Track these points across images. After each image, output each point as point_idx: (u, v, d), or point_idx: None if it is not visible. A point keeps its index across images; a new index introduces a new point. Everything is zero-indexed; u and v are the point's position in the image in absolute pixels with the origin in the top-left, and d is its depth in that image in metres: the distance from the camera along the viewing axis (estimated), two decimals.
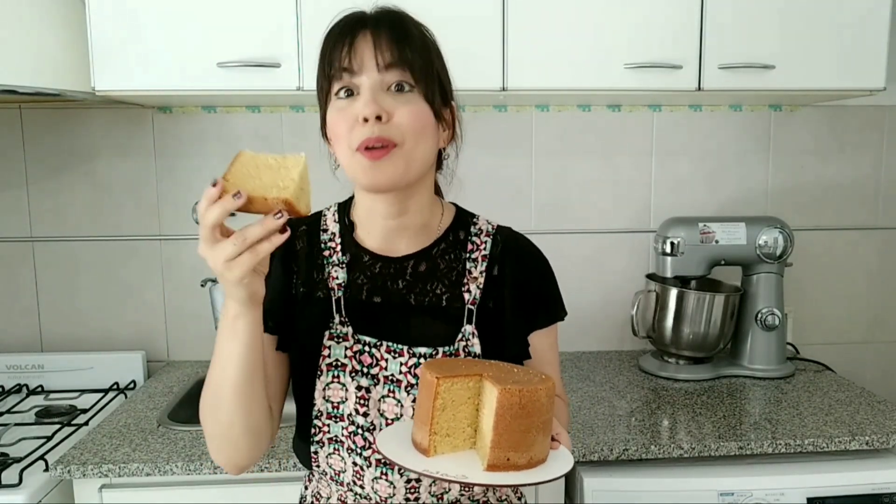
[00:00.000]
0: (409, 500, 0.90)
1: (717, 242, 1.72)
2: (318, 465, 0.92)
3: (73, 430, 1.47)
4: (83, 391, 1.76)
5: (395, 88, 0.84)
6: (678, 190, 1.95)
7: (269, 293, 0.82)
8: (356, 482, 0.90)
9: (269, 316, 0.91)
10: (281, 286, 0.95)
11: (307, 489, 1.01)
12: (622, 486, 1.31)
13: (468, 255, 0.96)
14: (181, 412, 1.52)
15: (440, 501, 0.91)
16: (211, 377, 0.84)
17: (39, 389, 1.77)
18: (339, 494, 0.94)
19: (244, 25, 1.47)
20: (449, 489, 0.91)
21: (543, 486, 1.27)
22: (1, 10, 1.38)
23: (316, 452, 0.91)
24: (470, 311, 0.93)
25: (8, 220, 1.84)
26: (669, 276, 1.74)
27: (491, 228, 0.99)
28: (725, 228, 1.72)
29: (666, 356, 1.79)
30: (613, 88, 1.56)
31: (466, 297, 0.94)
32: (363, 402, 0.89)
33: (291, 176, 0.74)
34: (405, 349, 0.90)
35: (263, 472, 1.28)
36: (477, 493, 0.93)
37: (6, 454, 1.35)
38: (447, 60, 0.93)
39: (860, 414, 1.48)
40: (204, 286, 1.76)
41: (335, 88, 0.86)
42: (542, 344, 0.99)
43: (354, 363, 0.90)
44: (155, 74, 1.48)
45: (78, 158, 1.83)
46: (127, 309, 1.88)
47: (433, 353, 0.90)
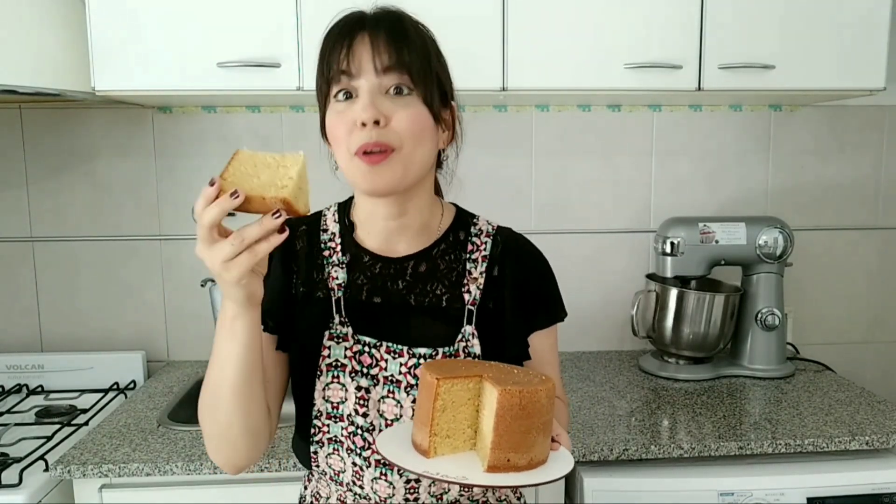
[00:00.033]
0: (408, 500, 0.90)
1: (717, 242, 1.72)
2: (317, 464, 0.92)
3: (73, 430, 1.48)
4: (83, 391, 1.76)
5: (393, 91, 0.84)
6: (678, 190, 1.95)
7: (268, 293, 0.82)
8: (355, 482, 0.90)
9: (268, 316, 0.91)
10: (281, 286, 0.94)
11: (306, 489, 1.01)
12: (622, 486, 1.31)
13: (468, 255, 0.96)
14: (181, 412, 1.52)
15: (439, 502, 0.91)
16: (209, 377, 0.83)
17: (39, 389, 1.77)
18: (338, 494, 0.94)
19: (244, 25, 1.47)
20: (448, 489, 0.91)
21: (543, 486, 1.27)
22: (1, 10, 1.38)
23: (315, 452, 0.91)
24: (470, 311, 0.93)
25: (8, 220, 1.84)
26: (669, 276, 1.74)
27: (491, 229, 0.99)
28: (725, 228, 1.72)
29: (666, 356, 1.79)
30: (613, 88, 1.56)
31: (466, 297, 0.93)
32: (363, 402, 0.89)
33: (290, 175, 0.73)
34: (405, 350, 0.90)
35: (263, 472, 1.28)
36: (476, 493, 0.94)
37: (6, 454, 1.35)
38: (447, 60, 0.92)
39: (860, 414, 1.48)
40: (204, 286, 1.76)
41: (334, 91, 0.86)
42: (542, 345, 0.99)
43: (354, 363, 0.90)
44: (155, 74, 1.48)
45: (78, 158, 1.83)
46: (127, 309, 1.88)
47: (433, 353, 0.90)
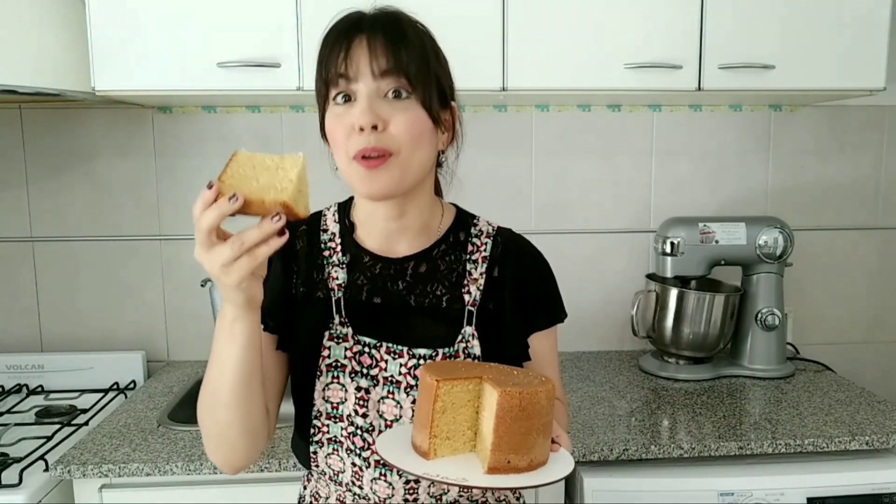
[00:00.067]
0: (407, 500, 0.90)
1: (717, 242, 1.72)
2: (316, 464, 0.92)
3: (73, 430, 1.48)
4: (83, 391, 1.76)
5: (391, 95, 0.84)
6: (678, 190, 1.95)
7: (268, 293, 0.82)
8: (355, 482, 0.90)
9: (269, 316, 0.91)
10: (281, 286, 0.94)
11: (306, 489, 1.01)
12: (622, 486, 1.31)
13: (468, 256, 0.96)
14: (181, 412, 1.52)
15: (439, 502, 0.91)
16: (208, 378, 0.83)
17: (39, 389, 1.77)
18: (337, 494, 0.94)
19: (244, 25, 1.47)
20: (447, 490, 0.91)
21: (544, 487, 1.27)
22: (1, 10, 1.38)
23: (315, 452, 0.91)
24: (470, 312, 0.93)
25: (8, 220, 1.84)
26: (669, 276, 1.74)
27: (491, 230, 0.99)
28: (725, 228, 1.72)
29: (666, 356, 1.79)
30: (613, 88, 1.56)
31: (466, 298, 0.93)
32: (362, 402, 0.89)
33: (289, 177, 0.71)
34: (405, 350, 0.90)
35: (263, 472, 1.28)
36: (476, 493, 0.93)
37: (6, 454, 1.35)
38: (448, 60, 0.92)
39: (860, 414, 1.48)
40: (204, 286, 1.76)
41: (332, 94, 0.85)
42: (541, 346, 0.99)
43: (354, 364, 0.90)
44: (155, 74, 1.48)
45: (78, 158, 1.83)
46: (127, 309, 1.88)
47: (433, 354, 0.90)
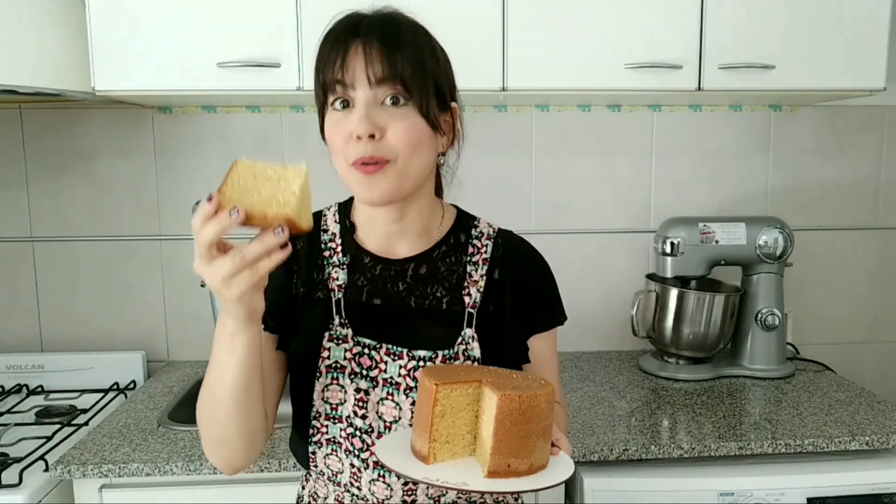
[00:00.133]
0: (406, 502, 0.90)
1: (717, 242, 1.72)
2: (315, 465, 0.92)
3: (73, 430, 1.48)
4: (83, 391, 1.76)
5: (389, 102, 0.83)
6: (678, 190, 1.94)
7: (269, 293, 0.81)
8: (353, 483, 0.90)
9: (269, 316, 0.91)
10: (281, 286, 0.94)
11: (304, 489, 1.01)
12: (622, 486, 1.31)
13: (469, 258, 0.96)
14: (181, 412, 1.52)
15: None
16: (207, 383, 0.83)
17: (39, 389, 1.77)
18: (336, 495, 0.93)
19: (244, 25, 1.47)
20: (446, 492, 0.90)
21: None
22: (1, 10, 1.38)
23: (314, 453, 0.91)
24: (470, 314, 0.93)
25: (8, 220, 1.83)
26: (669, 276, 1.74)
27: (492, 232, 0.99)
28: (725, 228, 1.72)
29: (666, 356, 1.79)
30: (613, 88, 1.56)
31: (467, 300, 0.93)
32: (362, 404, 0.89)
33: (292, 189, 0.69)
34: (405, 352, 0.90)
35: (263, 472, 1.28)
36: (475, 496, 0.93)
37: (6, 454, 1.35)
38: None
39: (860, 414, 1.48)
40: (204, 286, 1.75)
41: (330, 99, 0.85)
42: (541, 348, 0.99)
43: (354, 365, 0.90)
44: (155, 74, 1.48)
45: (78, 158, 1.83)
46: (127, 309, 1.88)
47: (433, 356, 0.90)
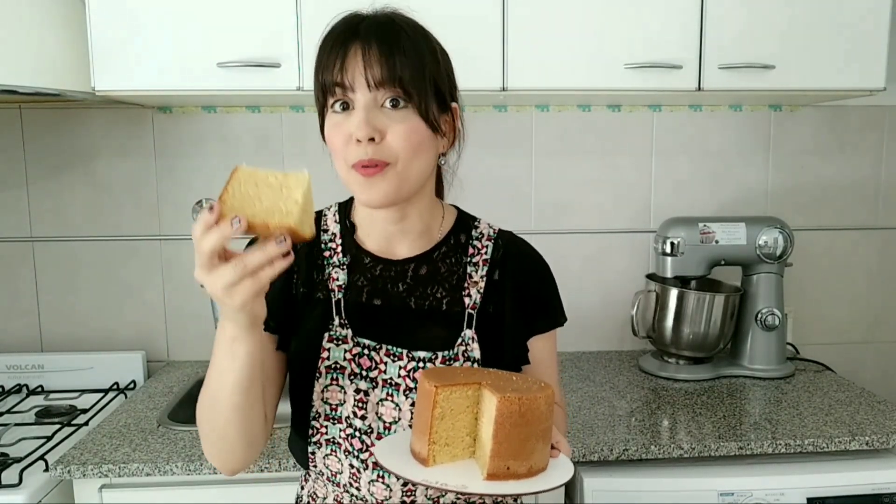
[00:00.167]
0: (405, 502, 0.90)
1: (717, 242, 1.72)
2: (314, 465, 0.92)
3: (73, 430, 1.47)
4: (83, 391, 1.76)
5: (389, 104, 0.83)
6: (678, 190, 1.94)
7: (269, 293, 0.81)
8: (353, 484, 0.90)
9: (269, 316, 0.90)
10: (281, 286, 0.94)
11: (303, 489, 1.01)
12: (622, 486, 1.31)
13: (469, 259, 0.96)
14: (181, 412, 1.52)
15: None
16: (207, 387, 0.83)
17: (39, 389, 1.77)
18: (335, 495, 0.93)
19: (244, 25, 1.47)
20: (445, 493, 0.90)
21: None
22: (1, 10, 1.38)
23: (313, 453, 0.91)
24: (470, 315, 0.93)
25: (8, 220, 1.83)
26: (669, 276, 1.74)
27: (492, 232, 0.98)
28: (725, 228, 1.72)
29: (666, 356, 1.79)
30: (613, 88, 1.56)
31: (467, 301, 0.93)
32: (361, 405, 0.89)
33: (294, 198, 0.68)
34: (404, 353, 0.90)
35: (263, 472, 1.28)
36: (474, 497, 0.93)
37: (6, 454, 1.35)
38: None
39: (860, 414, 1.48)
40: (204, 286, 1.76)
41: (330, 102, 0.85)
42: (541, 350, 0.99)
43: (353, 366, 0.90)
44: (155, 74, 1.48)
45: (78, 158, 1.83)
46: (127, 309, 1.88)
47: (433, 357, 0.90)
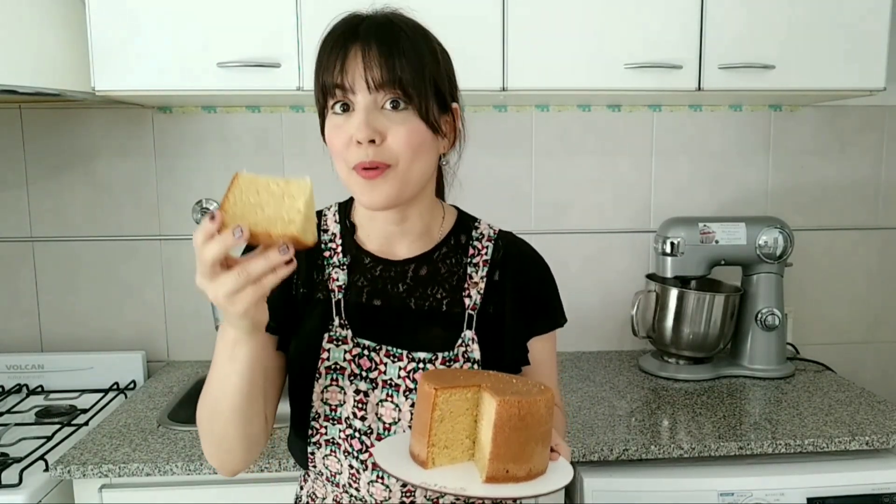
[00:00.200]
0: (404, 503, 0.90)
1: (717, 242, 1.72)
2: (314, 465, 0.92)
3: (73, 430, 1.48)
4: (83, 391, 1.76)
5: (389, 106, 0.83)
6: (678, 190, 1.94)
7: (270, 294, 0.81)
8: (352, 484, 0.90)
9: (270, 316, 0.91)
10: (281, 286, 0.93)
11: (302, 489, 1.00)
12: (622, 486, 1.31)
13: (469, 259, 0.95)
14: (181, 412, 1.52)
15: None
16: (208, 389, 0.83)
17: (39, 389, 1.77)
18: (334, 495, 0.93)
19: (244, 25, 1.47)
20: (444, 495, 0.90)
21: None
22: (1, 10, 1.38)
23: (313, 453, 0.91)
24: (470, 316, 0.93)
25: (8, 220, 1.83)
26: (669, 276, 1.74)
27: (493, 233, 0.98)
28: (725, 228, 1.72)
29: (666, 356, 1.79)
30: (613, 88, 1.56)
31: (467, 302, 0.93)
32: (361, 405, 0.89)
33: (297, 206, 0.67)
34: (404, 354, 0.90)
35: (263, 472, 1.28)
36: (473, 500, 0.93)
37: (6, 454, 1.35)
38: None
39: (860, 414, 1.48)
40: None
41: (330, 103, 0.85)
42: (541, 351, 0.99)
43: (353, 367, 0.90)
44: (155, 74, 1.48)
45: (78, 158, 1.83)
46: (127, 309, 1.88)
47: (433, 358, 0.90)
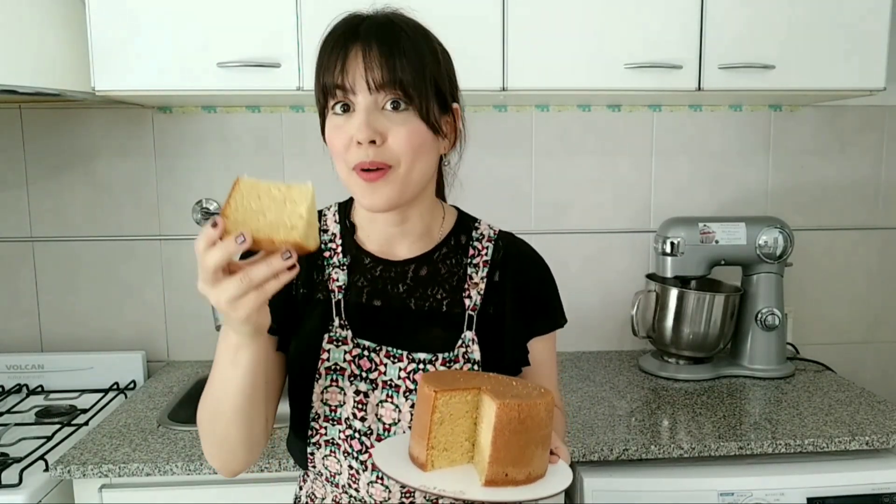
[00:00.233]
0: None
1: (717, 242, 1.72)
2: (313, 465, 0.92)
3: (73, 430, 1.48)
4: (83, 391, 1.76)
5: (390, 106, 0.83)
6: (678, 190, 1.94)
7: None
8: (351, 485, 0.90)
9: (271, 317, 0.91)
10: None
11: (301, 489, 1.00)
12: (622, 486, 1.31)
13: (469, 260, 0.95)
14: (181, 412, 1.52)
15: None
16: (210, 392, 0.83)
17: (39, 389, 1.77)
18: (333, 496, 0.93)
19: (244, 25, 1.47)
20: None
21: None
22: (1, 10, 1.38)
23: (312, 454, 0.91)
24: (470, 317, 0.92)
25: (8, 220, 1.83)
26: (669, 276, 1.74)
27: (493, 234, 0.98)
28: (725, 228, 1.72)
29: (666, 356, 1.79)
30: (613, 88, 1.56)
31: (467, 302, 0.93)
32: (361, 406, 0.89)
33: (299, 212, 0.67)
34: (404, 354, 0.90)
35: (263, 472, 1.28)
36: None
37: (6, 454, 1.35)
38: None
39: (860, 414, 1.48)
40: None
41: (331, 103, 0.85)
42: (541, 351, 0.99)
43: (353, 367, 0.90)
44: (155, 74, 1.48)
45: (78, 158, 1.83)
46: (127, 309, 1.88)
47: (433, 358, 0.90)
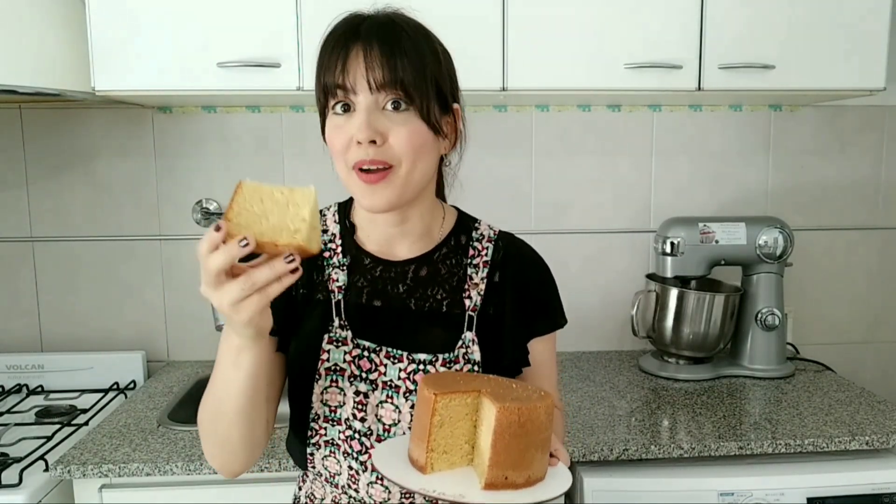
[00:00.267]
0: None
1: (717, 242, 1.72)
2: (313, 465, 0.92)
3: (73, 430, 1.48)
4: (83, 391, 1.76)
5: (390, 106, 0.83)
6: (678, 190, 1.94)
7: None
8: (351, 485, 0.90)
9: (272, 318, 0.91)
10: None
11: (301, 490, 1.00)
12: (622, 486, 1.31)
13: (469, 260, 0.95)
14: (181, 412, 1.52)
15: None
16: (211, 392, 0.83)
17: (39, 389, 1.77)
18: (333, 496, 0.93)
19: (244, 25, 1.47)
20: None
21: None
22: (1, 10, 1.38)
23: (312, 454, 0.91)
24: (470, 317, 0.92)
25: (8, 220, 1.83)
26: (669, 276, 1.74)
27: (493, 234, 0.98)
28: (725, 228, 1.72)
29: (666, 356, 1.79)
30: (613, 88, 1.56)
31: (467, 303, 0.93)
32: (361, 407, 0.89)
33: (302, 215, 0.67)
34: (404, 355, 0.90)
35: (263, 472, 1.28)
36: None
37: (6, 454, 1.35)
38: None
39: (860, 414, 1.48)
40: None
41: (331, 103, 0.85)
42: (541, 353, 0.98)
43: (353, 368, 0.90)
44: (155, 74, 1.48)
45: (78, 158, 1.83)
46: (127, 309, 1.88)
47: (433, 359, 0.90)
